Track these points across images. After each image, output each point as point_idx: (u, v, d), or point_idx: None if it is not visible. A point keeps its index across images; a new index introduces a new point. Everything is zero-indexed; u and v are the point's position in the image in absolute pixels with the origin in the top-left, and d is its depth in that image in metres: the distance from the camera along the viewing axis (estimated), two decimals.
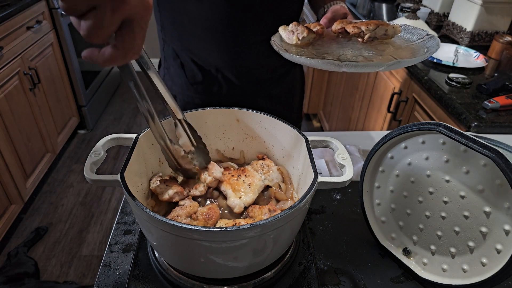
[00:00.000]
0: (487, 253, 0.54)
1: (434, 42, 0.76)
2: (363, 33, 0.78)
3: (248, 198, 0.64)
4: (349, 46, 0.79)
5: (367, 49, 0.77)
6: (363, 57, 0.74)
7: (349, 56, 0.74)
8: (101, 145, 0.61)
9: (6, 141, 1.85)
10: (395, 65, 0.67)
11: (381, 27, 0.78)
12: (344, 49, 0.78)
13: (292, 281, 0.62)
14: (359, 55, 0.75)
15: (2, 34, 1.83)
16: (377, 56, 0.74)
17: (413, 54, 0.74)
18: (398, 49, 0.78)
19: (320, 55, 0.74)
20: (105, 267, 0.65)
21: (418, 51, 0.75)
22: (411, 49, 0.77)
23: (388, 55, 0.74)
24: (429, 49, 0.74)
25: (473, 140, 0.52)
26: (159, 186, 0.64)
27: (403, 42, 0.82)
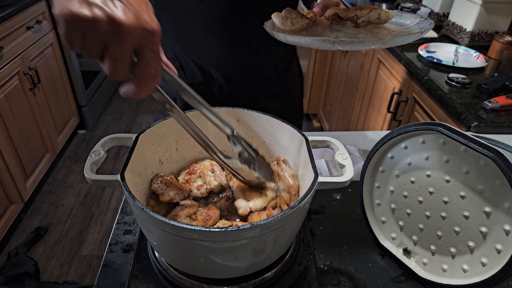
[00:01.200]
0: (487, 253, 0.54)
1: (428, 22, 0.76)
2: (357, 17, 0.77)
3: (256, 204, 0.64)
4: (343, 30, 0.80)
5: (361, 32, 0.77)
6: (358, 39, 0.74)
7: (343, 38, 0.75)
8: (101, 145, 0.61)
9: (6, 141, 1.85)
10: (390, 41, 0.67)
11: (374, 11, 0.78)
12: (338, 33, 0.78)
13: (292, 281, 0.62)
14: (354, 36, 0.75)
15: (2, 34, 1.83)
16: (371, 38, 0.74)
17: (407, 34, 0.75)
18: (391, 31, 0.79)
19: (316, 36, 0.73)
20: (105, 267, 0.65)
21: (412, 32, 0.76)
22: (405, 32, 0.78)
23: (383, 37, 0.74)
24: (422, 29, 0.74)
25: (473, 140, 0.52)
26: (160, 187, 0.64)
27: (397, 26, 0.82)
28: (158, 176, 0.67)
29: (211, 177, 0.69)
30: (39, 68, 2.17)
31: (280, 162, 0.69)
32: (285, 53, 1.05)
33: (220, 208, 0.65)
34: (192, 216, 0.62)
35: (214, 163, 0.72)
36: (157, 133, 0.67)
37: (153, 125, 0.66)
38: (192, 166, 0.71)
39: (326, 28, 0.82)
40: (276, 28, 0.81)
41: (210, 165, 0.71)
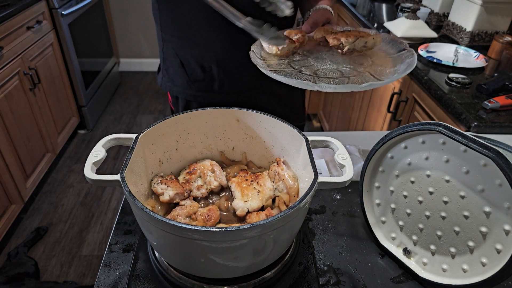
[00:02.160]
0: (487, 253, 0.54)
1: (412, 59, 0.77)
2: (342, 45, 0.79)
3: (253, 204, 0.63)
4: (328, 57, 0.82)
5: (345, 62, 0.80)
6: (340, 72, 0.77)
7: (327, 71, 0.77)
8: (101, 145, 0.61)
9: (6, 141, 1.85)
10: (368, 87, 0.70)
11: (360, 39, 0.79)
12: (322, 62, 0.81)
13: (292, 281, 0.62)
14: (337, 69, 0.78)
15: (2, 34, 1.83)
16: (354, 71, 0.77)
17: (390, 68, 0.77)
18: (376, 62, 0.80)
19: (298, 69, 0.78)
20: (105, 267, 0.65)
21: (396, 65, 0.78)
22: (390, 62, 0.80)
23: (366, 71, 0.77)
24: (403, 68, 0.76)
25: (473, 140, 0.52)
26: (160, 187, 0.64)
27: (382, 54, 0.83)
28: (158, 176, 0.67)
29: (212, 177, 0.69)
30: (39, 68, 2.17)
31: (280, 162, 0.69)
32: None
33: (219, 208, 0.65)
34: (192, 216, 0.62)
35: (214, 163, 0.71)
36: (157, 133, 0.67)
37: (153, 125, 0.66)
38: (192, 166, 0.71)
39: (313, 51, 0.84)
40: (263, 52, 0.84)
41: (210, 165, 0.71)
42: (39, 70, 2.16)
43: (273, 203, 0.67)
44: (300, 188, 0.66)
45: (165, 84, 1.07)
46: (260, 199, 0.64)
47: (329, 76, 0.77)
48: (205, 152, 0.76)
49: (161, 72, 1.09)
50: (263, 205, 0.64)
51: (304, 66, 0.78)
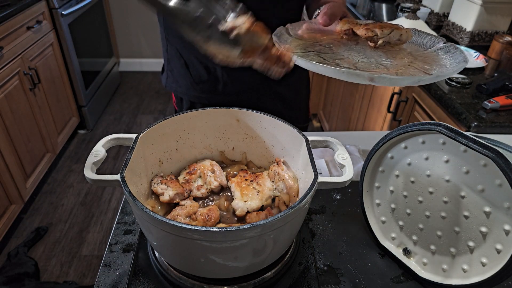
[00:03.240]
0: (487, 253, 0.54)
1: (458, 52, 0.68)
2: (377, 37, 0.69)
3: (253, 204, 0.63)
4: (358, 50, 0.71)
5: (381, 55, 0.69)
6: (383, 67, 0.65)
7: (368, 65, 0.65)
8: (101, 145, 0.61)
9: (6, 141, 1.85)
10: (434, 79, 0.60)
11: (395, 31, 0.69)
12: (356, 55, 0.69)
13: (292, 281, 0.62)
14: (378, 63, 0.66)
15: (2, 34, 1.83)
16: (397, 65, 0.66)
17: (435, 62, 0.68)
18: (415, 56, 0.71)
19: (333, 62, 0.65)
20: (105, 267, 0.65)
21: (439, 60, 0.69)
22: (430, 56, 0.70)
23: (412, 66, 0.66)
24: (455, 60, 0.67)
25: (473, 140, 0.52)
26: (160, 187, 0.64)
27: (415, 46, 0.75)
28: (158, 176, 0.67)
29: (212, 177, 0.69)
30: (39, 68, 2.17)
31: (280, 163, 0.69)
32: None
33: (219, 208, 0.65)
34: (192, 216, 0.62)
35: (214, 163, 0.71)
36: (157, 133, 0.67)
37: (153, 125, 0.66)
38: (192, 166, 0.71)
39: (338, 44, 0.73)
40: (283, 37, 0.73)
41: (211, 165, 0.71)
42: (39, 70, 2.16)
43: (272, 203, 0.67)
44: (300, 188, 0.66)
45: (169, 85, 1.07)
46: (260, 199, 0.64)
47: (373, 70, 0.64)
48: (205, 152, 0.76)
49: (165, 73, 1.08)
50: (262, 205, 0.64)
51: (338, 59, 0.66)
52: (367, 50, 0.70)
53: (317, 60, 0.64)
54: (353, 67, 0.61)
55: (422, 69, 0.64)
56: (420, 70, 0.64)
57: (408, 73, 0.62)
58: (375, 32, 0.69)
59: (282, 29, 0.76)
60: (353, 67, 0.62)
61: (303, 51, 0.69)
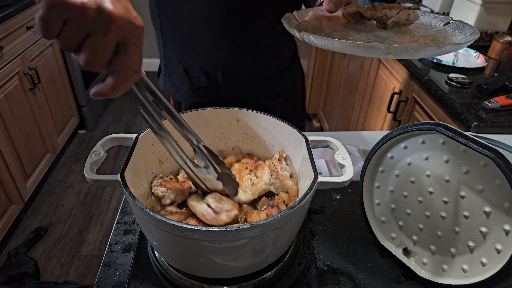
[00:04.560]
0: (487, 253, 0.54)
1: (468, 27, 0.67)
2: (386, 17, 0.68)
3: (243, 197, 0.65)
4: (368, 31, 0.70)
5: (391, 35, 0.69)
6: (396, 43, 0.64)
7: (380, 41, 0.65)
8: (101, 145, 0.61)
9: (6, 141, 1.85)
10: (446, 48, 0.59)
11: (403, 11, 0.69)
12: (366, 35, 0.68)
13: (292, 281, 0.62)
14: (390, 41, 0.66)
15: (2, 34, 1.83)
16: (409, 42, 0.66)
17: (448, 40, 0.67)
18: (425, 35, 0.70)
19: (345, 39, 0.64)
20: (105, 267, 0.65)
21: (449, 36, 0.69)
22: (440, 34, 0.71)
23: (424, 42, 0.66)
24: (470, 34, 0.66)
25: (473, 140, 0.52)
26: (160, 190, 0.64)
27: (422, 28, 0.74)
28: (158, 177, 0.67)
29: None
30: (39, 68, 2.17)
31: (282, 159, 0.69)
32: (288, 53, 1.04)
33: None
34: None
35: None
36: None
37: None
38: None
39: (345, 27, 0.72)
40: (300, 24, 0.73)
41: None
42: (39, 70, 2.16)
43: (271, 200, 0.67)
44: (300, 188, 0.66)
45: (168, 90, 1.06)
46: (253, 192, 0.65)
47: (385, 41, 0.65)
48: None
49: (162, 77, 1.07)
50: (254, 198, 0.65)
51: (350, 38, 0.65)
52: (376, 32, 0.70)
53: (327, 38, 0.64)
54: (367, 42, 0.62)
55: (435, 44, 0.64)
56: (433, 44, 0.63)
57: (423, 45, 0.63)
58: (384, 13, 0.69)
59: (290, 15, 0.76)
60: (367, 42, 0.63)
61: (312, 32, 0.68)
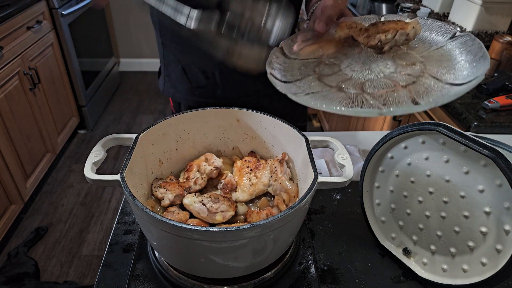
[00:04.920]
0: (487, 253, 0.54)
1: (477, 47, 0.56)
2: (381, 43, 0.61)
3: (241, 197, 0.66)
4: (363, 62, 0.62)
5: (388, 65, 0.60)
6: (393, 82, 0.56)
7: (376, 83, 0.56)
8: (101, 145, 0.61)
9: (6, 141, 1.85)
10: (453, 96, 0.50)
11: (401, 32, 0.60)
12: (361, 69, 0.60)
13: (292, 281, 0.62)
14: (387, 78, 0.57)
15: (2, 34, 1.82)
16: (409, 76, 0.56)
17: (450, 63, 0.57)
18: (427, 58, 0.61)
19: (336, 85, 0.57)
20: (105, 267, 0.65)
21: (454, 59, 0.58)
22: (444, 55, 0.60)
23: (425, 74, 0.56)
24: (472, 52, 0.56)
25: (473, 140, 0.52)
26: (159, 191, 0.64)
27: (424, 45, 0.64)
28: (158, 179, 0.67)
29: (206, 165, 0.69)
30: (39, 68, 2.17)
31: (283, 161, 0.68)
32: None
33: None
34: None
35: (208, 154, 0.71)
36: (157, 133, 0.67)
37: (153, 125, 0.66)
38: (189, 164, 0.71)
39: (339, 54, 0.65)
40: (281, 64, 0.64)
41: (205, 157, 0.71)
42: (39, 70, 2.16)
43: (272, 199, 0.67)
44: (300, 189, 0.66)
45: (167, 90, 1.06)
46: (250, 192, 0.66)
47: (381, 88, 0.55)
48: (205, 152, 0.76)
49: (162, 77, 1.07)
50: (250, 198, 0.66)
51: (342, 81, 0.58)
52: (373, 59, 0.63)
53: (319, 87, 0.58)
54: (359, 91, 0.54)
55: (437, 78, 0.55)
56: (436, 79, 0.54)
57: (423, 86, 0.54)
58: (378, 39, 0.61)
59: (275, 51, 0.68)
60: (359, 90, 0.55)
61: (302, 76, 0.62)
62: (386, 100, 0.51)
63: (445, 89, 0.52)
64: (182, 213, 0.62)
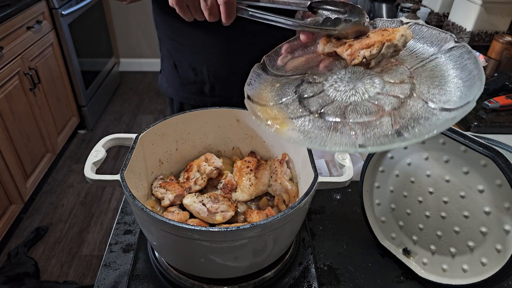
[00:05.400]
0: (487, 253, 0.54)
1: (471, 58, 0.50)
2: (366, 60, 0.55)
3: (240, 197, 0.66)
4: (348, 80, 0.56)
5: (377, 83, 0.54)
6: (377, 106, 0.50)
7: (359, 107, 0.51)
8: (101, 145, 0.61)
9: (6, 141, 1.85)
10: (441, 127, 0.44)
11: (387, 44, 0.53)
12: (345, 89, 0.54)
13: (292, 281, 0.62)
14: (370, 99, 0.51)
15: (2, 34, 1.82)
16: (395, 98, 0.50)
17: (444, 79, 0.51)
18: (418, 74, 0.54)
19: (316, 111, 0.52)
20: (105, 267, 0.65)
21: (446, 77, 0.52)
22: (437, 72, 0.53)
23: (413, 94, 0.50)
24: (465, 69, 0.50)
25: (473, 140, 0.52)
26: (160, 191, 0.64)
27: (415, 58, 0.57)
28: (158, 179, 0.67)
29: (206, 165, 0.69)
30: (39, 68, 2.17)
31: (283, 162, 0.69)
32: None
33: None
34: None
35: (208, 154, 0.71)
36: (157, 133, 0.67)
37: (153, 125, 0.66)
38: (189, 164, 0.71)
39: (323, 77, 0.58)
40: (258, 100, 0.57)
41: (205, 157, 0.71)
42: (39, 70, 2.16)
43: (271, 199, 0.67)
44: (300, 189, 0.66)
45: (163, 84, 1.07)
46: (250, 192, 0.66)
47: (364, 115, 0.49)
48: (205, 152, 0.76)
49: (160, 73, 1.09)
50: (250, 199, 0.67)
51: (324, 106, 0.52)
52: (358, 75, 0.57)
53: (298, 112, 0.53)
54: (340, 117, 0.50)
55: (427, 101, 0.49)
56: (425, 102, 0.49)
57: (409, 111, 0.48)
58: (362, 55, 0.55)
59: (256, 69, 0.63)
60: (341, 116, 0.50)
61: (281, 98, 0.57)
62: (366, 131, 0.47)
63: (434, 116, 0.46)
64: (182, 213, 0.62)
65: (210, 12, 0.60)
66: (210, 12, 0.60)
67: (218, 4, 0.58)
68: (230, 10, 0.59)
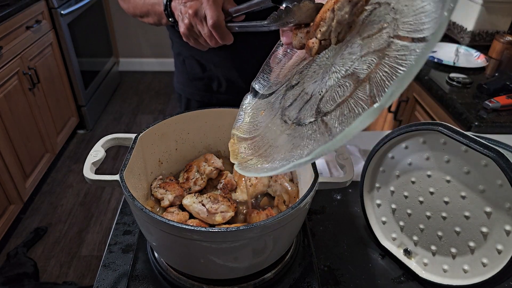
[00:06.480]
0: (487, 253, 0.54)
1: None
2: (325, 41, 0.45)
3: (240, 197, 0.66)
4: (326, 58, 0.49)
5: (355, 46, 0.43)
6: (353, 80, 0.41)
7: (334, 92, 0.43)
8: (101, 145, 0.61)
9: (6, 141, 1.84)
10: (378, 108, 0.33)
11: (338, 6, 0.41)
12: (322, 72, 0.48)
13: (292, 282, 0.62)
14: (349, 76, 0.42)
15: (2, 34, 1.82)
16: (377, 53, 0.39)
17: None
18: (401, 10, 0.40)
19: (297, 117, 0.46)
20: (105, 268, 0.65)
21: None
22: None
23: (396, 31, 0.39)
24: None
25: (474, 140, 0.52)
26: (159, 192, 0.64)
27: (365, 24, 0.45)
28: (158, 179, 0.67)
29: (206, 165, 0.69)
30: (39, 68, 2.17)
31: None
32: None
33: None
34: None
35: (208, 154, 0.71)
36: (157, 133, 0.67)
37: (153, 125, 0.66)
38: (189, 165, 0.71)
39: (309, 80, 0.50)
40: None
41: (204, 157, 0.71)
42: (38, 70, 2.16)
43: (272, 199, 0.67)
44: (300, 189, 0.66)
45: (174, 81, 1.11)
46: (250, 193, 0.66)
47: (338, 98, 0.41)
48: (205, 152, 0.76)
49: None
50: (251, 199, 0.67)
51: (301, 109, 0.47)
52: (336, 52, 0.47)
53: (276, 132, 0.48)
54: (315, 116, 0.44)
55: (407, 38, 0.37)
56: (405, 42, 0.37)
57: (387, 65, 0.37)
58: (321, 37, 0.44)
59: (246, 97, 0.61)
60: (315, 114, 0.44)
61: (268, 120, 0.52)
62: (341, 117, 0.39)
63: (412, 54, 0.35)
64: (182, 214, 0.61)
65: (210, 39, 0.63)
66: (210, 39, 0.63)
67: None
68: (220, 32, 0.61)
